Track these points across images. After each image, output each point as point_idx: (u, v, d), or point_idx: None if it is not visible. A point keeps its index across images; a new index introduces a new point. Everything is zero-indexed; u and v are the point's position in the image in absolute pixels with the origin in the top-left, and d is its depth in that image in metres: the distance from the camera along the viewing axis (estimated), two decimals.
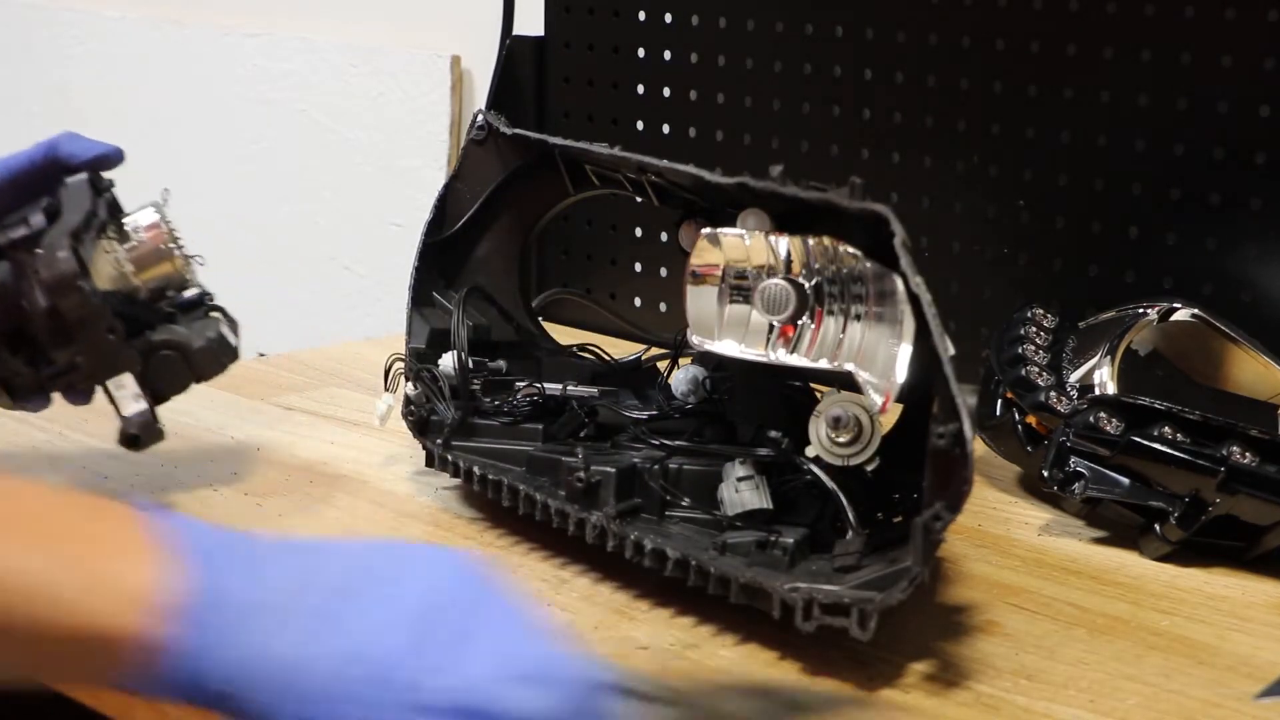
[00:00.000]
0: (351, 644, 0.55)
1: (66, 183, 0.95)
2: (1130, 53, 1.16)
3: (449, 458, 0.96)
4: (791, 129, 1.34)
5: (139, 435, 0.93)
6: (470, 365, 0.98)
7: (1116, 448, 0.94)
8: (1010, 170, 1.23)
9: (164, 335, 0.95)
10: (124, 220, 0.97)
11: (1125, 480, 0.95)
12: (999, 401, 1.05)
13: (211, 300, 1.00)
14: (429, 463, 1.00)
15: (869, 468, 0.84)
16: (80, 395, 0.95)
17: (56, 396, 0.95)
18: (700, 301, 0.87)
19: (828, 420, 0.84)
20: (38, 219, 0.92)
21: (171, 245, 0.97)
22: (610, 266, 1.49)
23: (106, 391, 0.93)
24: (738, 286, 0.85)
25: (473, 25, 1.58)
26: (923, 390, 0.77)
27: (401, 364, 1.02)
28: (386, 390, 1.03)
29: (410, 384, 1.01)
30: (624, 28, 1.43)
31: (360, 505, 0.99)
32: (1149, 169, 1.17)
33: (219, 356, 0.96)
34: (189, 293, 0.99)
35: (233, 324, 1.00)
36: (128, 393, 0.92)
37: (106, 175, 0.98)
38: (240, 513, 0.97)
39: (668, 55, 1.42)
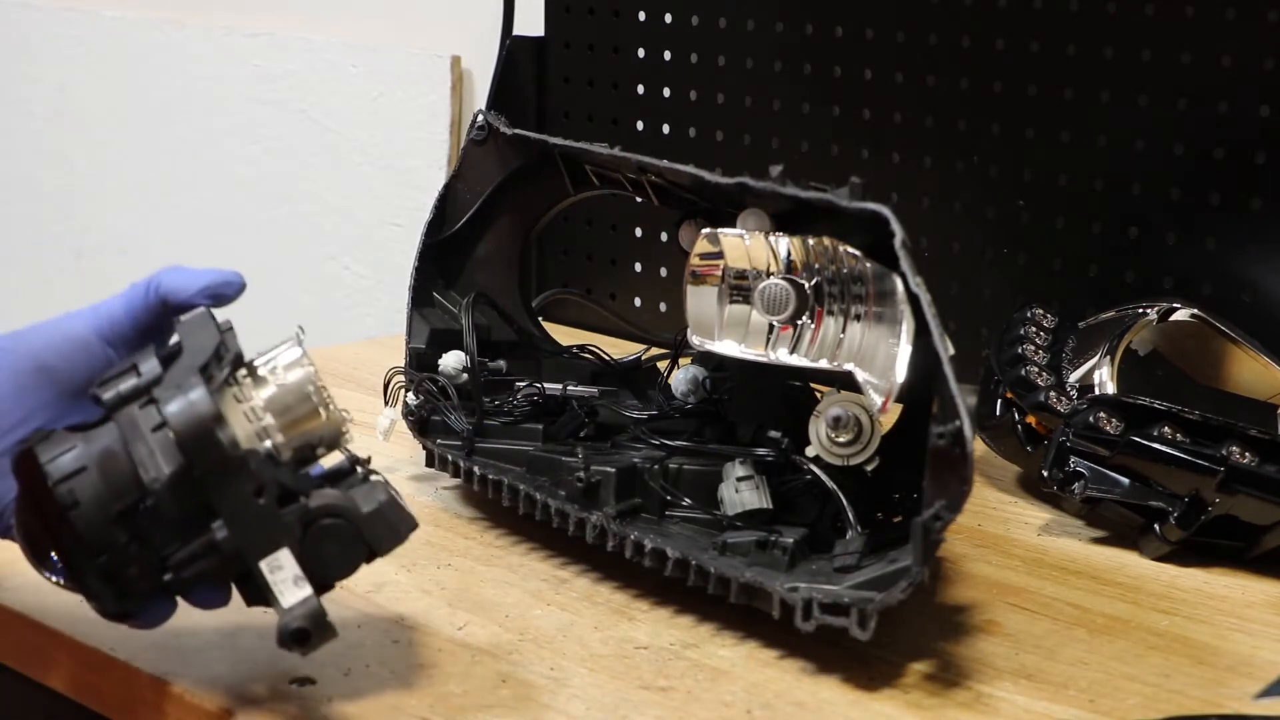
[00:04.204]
0: None
1: (181, 319, 0.77)
2: (1130, 53, 1.16)
3: (460, 463, 0.96)
4: (791, 129, 1.34)
5: (308, 630, 0.70)
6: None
7: (1116, 448, 0.94)
8: (1010, 170, 1.23)
9: (323, 500, 0.72)
10: (257, 362, 0.76)
11: (1125, 480, 0.95)
12: (999, 401, 1.05)
13: (368, 466, 0.77)
14: (429, 463, 1.00)
15: (869, 468, 0.84)
16: (215, 592, 0.74)
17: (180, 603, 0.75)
18: (700, 301, 0.87)
19: (828, 420, 0.84)
20: (150, 365, 0.73)
21: (323, 390, 0.76)
22: (610, 266, 1.49)
23: (259, 579, 0.71)
24: (738, 286, 0.85)
25: (473, 25, 1.58)
26: (923, 390, 0.77)
27: (401, 376, 1.01)
28: (387, 405, 1.02)
29: (411, 395, 1.01)
30: (624, 28, 1.43)
31: None
32: (1149, 169, 1.17)
33: (395, 526, 0.74)
34: (334, 459, 0.77)
35: (397, 495, 0.76)
36: (287, 575, 0.71)
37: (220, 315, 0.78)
38: None
39: (668, 55, 1.42)
